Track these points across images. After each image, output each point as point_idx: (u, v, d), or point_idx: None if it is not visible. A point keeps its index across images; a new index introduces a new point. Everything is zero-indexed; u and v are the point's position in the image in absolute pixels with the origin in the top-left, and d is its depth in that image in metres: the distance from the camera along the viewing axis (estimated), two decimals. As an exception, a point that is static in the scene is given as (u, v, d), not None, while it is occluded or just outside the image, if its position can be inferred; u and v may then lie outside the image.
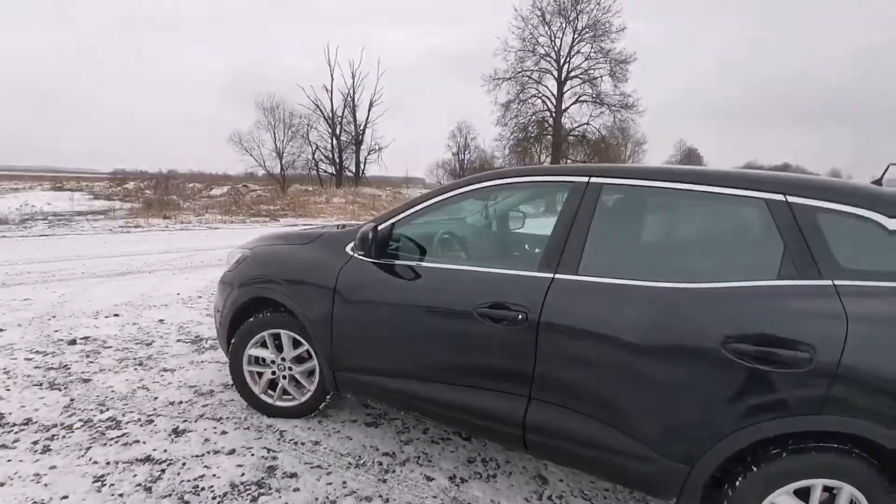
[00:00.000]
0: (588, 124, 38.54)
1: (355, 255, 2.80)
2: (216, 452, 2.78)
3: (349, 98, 39.45)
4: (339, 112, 39.77)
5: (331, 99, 38.99)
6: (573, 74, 37.96)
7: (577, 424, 2.17)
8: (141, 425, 3.02)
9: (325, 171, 41.12)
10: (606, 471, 2.22)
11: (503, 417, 2.35)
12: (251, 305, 3.21)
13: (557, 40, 37.34)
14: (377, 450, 2.94)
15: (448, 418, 2.61)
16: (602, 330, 2.08)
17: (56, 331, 4.62)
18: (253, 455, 2.78)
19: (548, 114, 39.37)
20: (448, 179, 46.21)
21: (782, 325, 1.81)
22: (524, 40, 37.40)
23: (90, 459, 2.65)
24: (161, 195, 23.80)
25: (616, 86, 36.97)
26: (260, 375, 3.20)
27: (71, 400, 3.29)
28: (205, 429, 3.02)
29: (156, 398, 3.39)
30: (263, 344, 3.16)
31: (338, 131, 40.04)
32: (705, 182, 2.10)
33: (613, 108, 37.28)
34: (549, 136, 39.82)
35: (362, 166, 40.76)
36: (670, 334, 1.96)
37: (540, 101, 39.27)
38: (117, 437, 2.87)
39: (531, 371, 2.24)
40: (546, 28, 37.15)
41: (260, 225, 16.37)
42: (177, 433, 2.96)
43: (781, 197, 1.94)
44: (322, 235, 3.10)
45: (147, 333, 4.71)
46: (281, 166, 38.91)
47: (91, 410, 3.17)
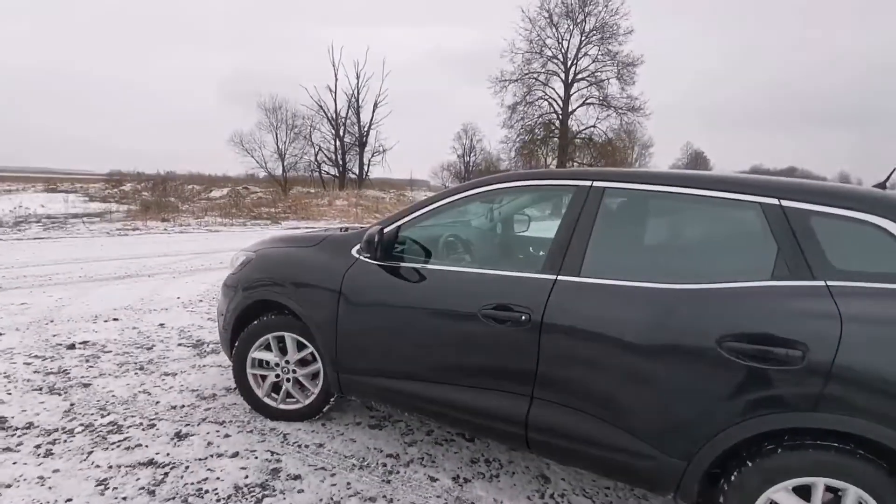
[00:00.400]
0: (595, 127, 38.52)
1: (361, 258, 2.86)
2: (219, 455, 2.83)
3: (353, 99, 39.32)
4: (343, 113, 39.62)
5: (334, 99, 38.89)
6: (580, 77, 37.96)
7: (578, 423, 2.25)
8: (143, 429, 3.07)
9: (328, 173, 40.85)
10: (606, 468, 2.30)
11: (506, 417, 2.43)
12: (255, 308, 3.27)
13: (565, 42, 37.39)
14: (381, 451, 2.98)
15: (451, 419, 2.67)
16: (603, 330, 2.17)
17: (54, 335, 4.67)
18: (256, 458, 2.82)
19: (554, 116, 39.34)
20: (453, 182, 46.08)
21: (774, 324, 1.89)
22: (531, 42, 37.45)
23: (92, 463, 2.70)
24: (159, 197, 23.85)
25: (623, 88, 36.98)
26: (263, 378, 3.26)
27: (71, 405, 3.34)
28: (207, 432, 3.07)
29: (157, 402, 3.44)
30: (267, 347, 3.21)
31: (341, 132, 39.83)
32: (703, 186, 2.19)
33: (620, 111, 37.28)
34: (556, 139, 39.85)
35: (366, 168, 40.61)
36: (668, 333, 2.04)
37: (546, 104, 39.28)
38: (119, 442, 2.92)
39: (534, 371, 2.32)
40: (553, 30, 37.21)
41: (261, 227, 16.44)
42: (179, 437, 3.00)
43: (775, 200, 2.03)
44: (327, 238, 3.16)
45: (147, 338, 4.76)
46: (283, 168, 38.65)
47: (92, 415, 3.21)
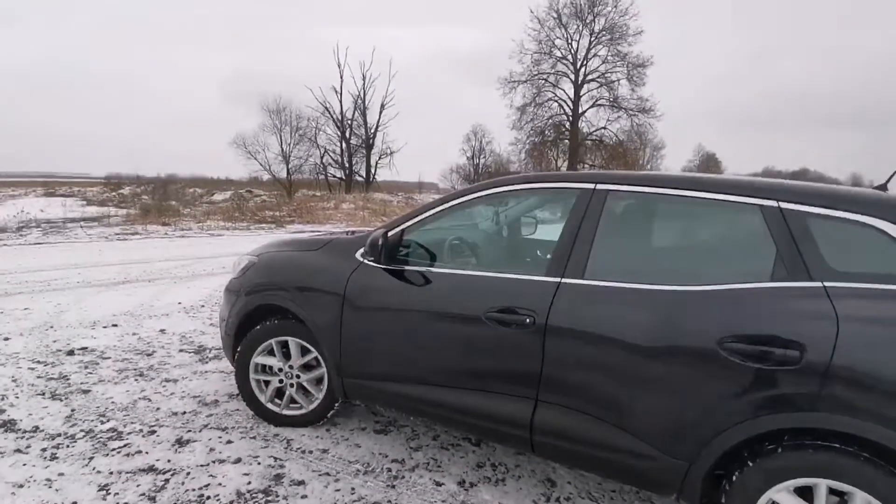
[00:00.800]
0: (605, 128, 38.60)
1: (365, 261, 2.89)
2: (221, 462, 2.86)
3: (359, 100, 39.20)
4: (349, 115, 39.54)
5: (340, 101, 38.83)
6: (590, 78, 38.06)
7: (582, 425, 2.28)
8: (143, 436, 3.10)
9: (334, 176, 40.78)
10: (610, 469, 2.34)
11: (511, 420, 2.46)
12: (258, 313, 3.30)
13: (574, 43, 37.53)
14: (386, 456, 3.01)
15: (456, 422, 2.71)
16: (606, 332, 2.21)
17: (55, 341, 4.73)
18: (259, 464, 2.85)
19: (564, 117, 39.43)
20: (462, 184, 45.99)
21: (772, 325, 1.93)
22: (540, 43, 37.60)
23: (94, 469, 2.74)
24: (160, 200, 23.96)
25: (633, 89, 37.11)
26: (267, 384, 3.28)
27: (72, 410, 3.38)
28: (209, 439, 3.09)
29: (158, 409, 3.47)
30: (271, 352, 3.24)
31: (347, 134, 39.77)
32: (705, 189, 2.25)
33: (631, 113, 37.35)
34: (566, 141, 39.88)
35: (373, 171, 40.41)
36: (670, 335, 2.08)
37: (556, 105, 39.38)
38: (119, 448, 2.95)
39: (538, 374, 2.35)
40: (563, 30, 37.36)
41: (265, 232, 16.48)
42: (181, 443, 3.03)
43: (774, 203, 2.08)
44: (331, 241, 3.20)
45: (148, 344, 4.80)
46: (287, 170, 38.68)
47: (92, 421, 3.25)
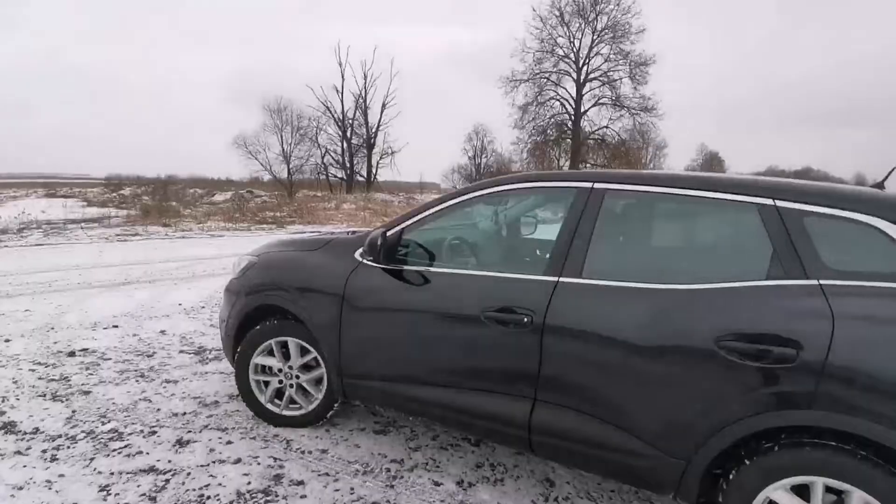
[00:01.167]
0: (607, 127, 38.59)
1: (364, 261, 2.92)
2: (221, 462, 2.89)
3: (361, 100, 39.40)
4: (350, 114, 39.72)
5: (341, 100, 39.06)
6: (592, 76, 38.04)
7: (580, 424, 2.30)
8: (144, 437, 3.13)
9: (336, 176, 41.10)
10: (608, 468, 2.36)
11: (509, 420, 2.48)
12: (258, 313, 3.33)
13: (576, 41, 37.51)
14: (385, 457, 3.03)
15: (455, 422, 2.73)
16: (603, 331, 2.23)
17: (55, 342, 4.77)
18: (259, 464, 2.88)
19: (566, 116, 39.40)
20: (463, 184, 46.10)
21: (768, 323, 1.95)
22: (542, 41, 37.57)
23: (95, 469, 2.77)
24: (160, 201, 24.05)
25: (636, 88, 37.10)
26: (266, 384, 3.31)
27: (73, 412, 3.42)
28: (210, 439, 3.13)
29: (158, 409, 3.50)
30: (270, 352, 3.27)
31: (349, 134, 39.95)
32: (702, 188, 2.27)
33: (633, 111, 37.32)
34: (569, 140, 39.85)
35: (374, 171, 40.67)
36: (667, 334, 2.10)
37: (558, 104, 39.37)
38: (120, 449, 2.98)
39: (536, 373, 2.37)
40: (565, 29, 37.33)
41: (265, 232, 16.51)
42: (181, 444, 3.07)
43: (770, 201, 2.09)
44: (330, 241, 3.23)
45: (148, 345, 4.84)
46: (288, 171, 38.93)
47: (93, 422, 3.29)
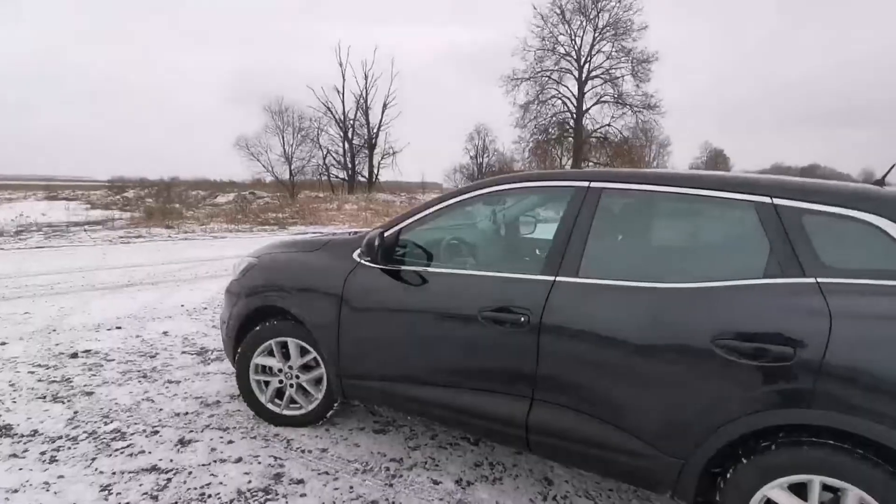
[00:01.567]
0: (609, 125, 38.55)
1: (362, 262, 2.95)
2: (223, 461, 2.92)
3: (362, 100, 39.49)
4: (351, 115, 39.79)
5: (342, 101, 39.12)
6: (594, 74, 38.02)
7: (577, 423, 2.31)
8: (146, 436, 3.17)
9: (337, 177, 41.15)
10: (605, 467, 2.37)
11: (507, 419, 2.50)
12: (258, 314, 3.36)
13: (578, 39, 37.50)
14: (385, 456, 3.06)
15: (454, 421, 2.76)
16: (600, 330, 2.24)
17: (57, 344, 4.80)
18: (260, 463, 2.91)
19: (568, 115, 39.37)
20: (466, 183, 45.97)
21: (765, 321, 1.95)
22: (543, 39, 37.59)
23: (96, 469, 2.80)
24: (163, 203, 24.14)
25: (638, 86, 37.11)
26: (267, 384, 3.35)
27: (75, 412, 3.45)
28: (211, 439, 3.16)
29: (161, 409, 3.54)
30: (270, 352, 3.30)
31: (350, 135, 40.02)
32: (699, 186, 2.27)
33: (636, 109, 37.32)
34: (570, 139, 39.81)
35: (376, 171, 40.76)
36: (664, 333, 2.11)
37: (560, 102, 39.36)
38: (122, 448, 3.02)
39: (534, 372, 2.39)
40: (566, 27, 37.31)
41: (268, 234, 16.59)
42: (182, 443, 3.10)
43: (768, 199, 2.09)
44: (329, 242, 3.26)
45: (151, 346, 4.88)
46: (290, 172, 39.00)
47: (95, 422, 3.32)
